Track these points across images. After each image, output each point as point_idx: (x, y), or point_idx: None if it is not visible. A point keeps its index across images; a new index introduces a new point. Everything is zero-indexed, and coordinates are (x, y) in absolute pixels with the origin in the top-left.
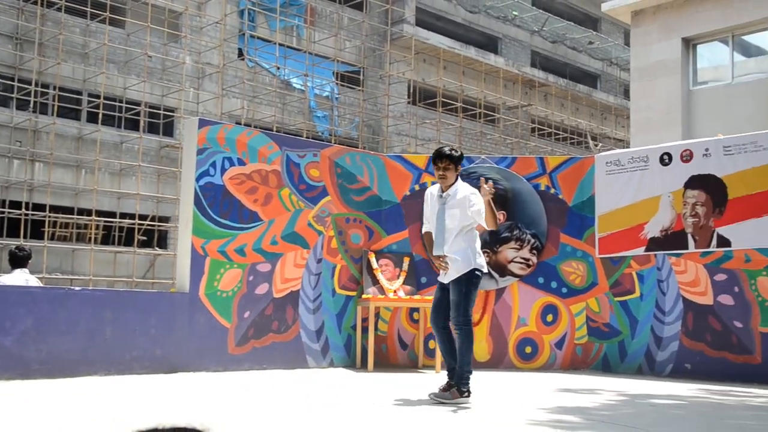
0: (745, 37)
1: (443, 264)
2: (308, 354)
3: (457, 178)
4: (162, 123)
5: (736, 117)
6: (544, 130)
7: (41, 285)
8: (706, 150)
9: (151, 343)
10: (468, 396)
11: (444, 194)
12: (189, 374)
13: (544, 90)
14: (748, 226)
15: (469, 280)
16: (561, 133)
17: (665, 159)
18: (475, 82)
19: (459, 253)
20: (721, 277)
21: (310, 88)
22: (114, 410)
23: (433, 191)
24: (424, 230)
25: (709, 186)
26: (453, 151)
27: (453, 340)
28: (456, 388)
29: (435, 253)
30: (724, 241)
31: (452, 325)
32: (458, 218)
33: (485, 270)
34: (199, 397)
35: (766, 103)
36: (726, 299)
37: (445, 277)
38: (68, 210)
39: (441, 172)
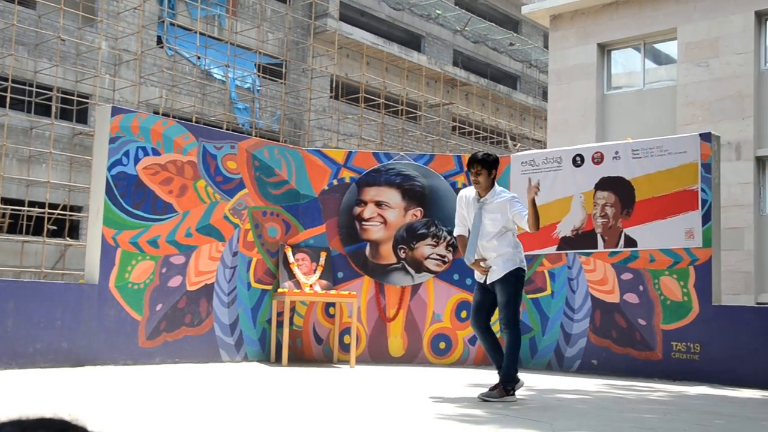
0: (657, 45)
1: (482, 267)
2: (222, 348)
3: (493, 183)
4: (75, 110)
5: (646, 122)
6: (465, 128)
7: None
8: (616, 153)
9: (56, 336)
10: (513, 394)
11: (482, 199)
12: (96, 368)
13: (466, 89)
14: (653, 228)
15: (518, 278)
16: (481, 132)
17: (577, 160)
18: (397, 78)
19: (501, 254)
20: (627, 276)
21: (231, 79)
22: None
23: (468, 195)
24: (457, 233)
25: (618, 188)
26: (486, 156)
27: (496, 339)
28: (502, 387)
29: (469, 256)
30: (630, 242)
31: (501, 325)
32: (499, 222)
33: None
34: (97, 391)
35: (673, 110)
36: (631, 297)
37: (488, 278)
38: None
39: (474, 177)
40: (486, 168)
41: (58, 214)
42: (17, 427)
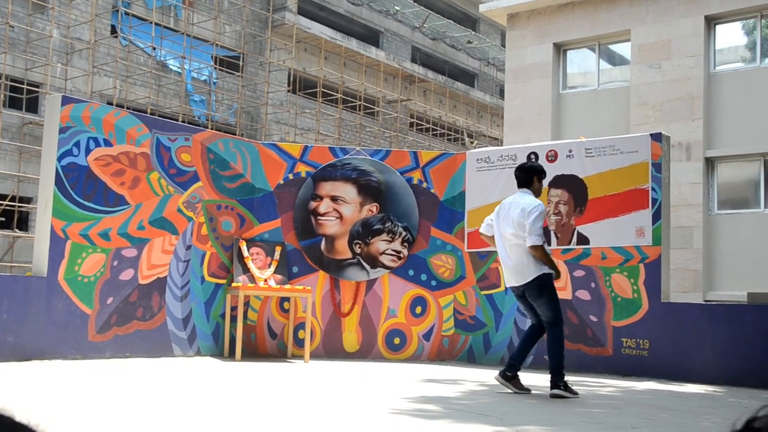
0: (611, 46)
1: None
2: (174, 342)
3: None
4: (25, 98)
5: (600, 121)
6: (423, 125)
7: None
8: (570, 151)
9: (2, 330)
10: (563, 389)
11: None
12: (44, 362)
13: (424, 86)
14: (605, 226)
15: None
16: (439, 129)
17: (532, 158)
18: (355, 74)
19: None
20: (579, 273)
21: (187, 70)
22: None
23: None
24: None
25: (572, 186)
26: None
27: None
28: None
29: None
30: (583, 239)
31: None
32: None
33: None
34: (42, 386)
35: (626, 110)
36: (583, 294)
37: None
38: None
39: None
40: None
41: (7, 205)
42: None
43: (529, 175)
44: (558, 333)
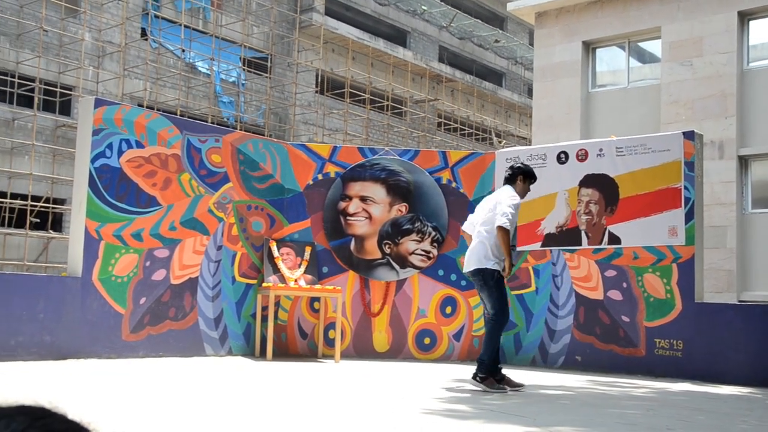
0: (641, 44)
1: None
2: (206, 342)
3: None
4: (58, 101)
5: (631, 120)
6: (450, 125)
7: None
8: (600, 150)
9: (39, 329)
10: (479, 381)
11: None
12: (79, 361)
13: (451, 85)
14: (637, 225)
15: None
16: (466, 128)
17: (562, 157)
18: (383, 74)
19: None
20: (611, 273)
21: (216, 72)
22: None
23: (519, 199)
24: (510, 228)
25: (602, 185)
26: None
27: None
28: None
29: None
30: (614, 239)
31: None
32: None
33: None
34: (80, 384)
35: (657, 108)
36: (615, 294)
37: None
38: None
39: (529, 189)
40: None
41: (41, 207)
42: None
43: (514, 175)
44: (495, 327)
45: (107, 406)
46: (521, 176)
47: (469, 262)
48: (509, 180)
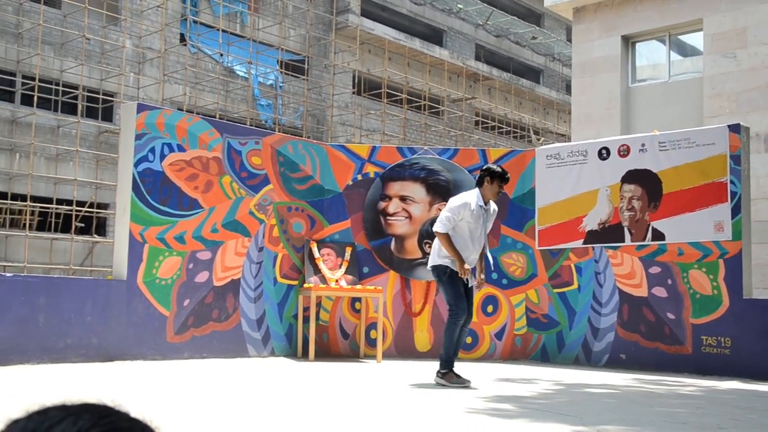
0: (681, 37)
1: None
2: (249, 343)
3: None
4: (101, 108)
5: (672, 114)
6: (488, 123)
7: None
8: (643, 145)
9: (86, 331)
10: (440, 377)
11: (487, 207)
12: (126, 363)
13: (488, 83)
14: (681, 221)
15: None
16: (504, 126)
17: (603, 153)
18: (419, 73)
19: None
20: (655, 269)
21: (253, 75)
22: (33, 395)
23: (473, 201)
24: (446, 231)
25: (645, 180)
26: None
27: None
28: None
29: (472, 255)
30: (658, 235)
31: (468, 315)
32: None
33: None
34: (134, 384)
35: (699, 102)
36: (660, 291)
37: (469, 277)
38: (2, 195)
39: (501, 189)
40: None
41: (86, 212)
42: (63, 411)
43: (481, 177)
44: (449, 322)
45: (162, 407)
46: (488, 177)
47: (429, 259)
48: (477, 182)
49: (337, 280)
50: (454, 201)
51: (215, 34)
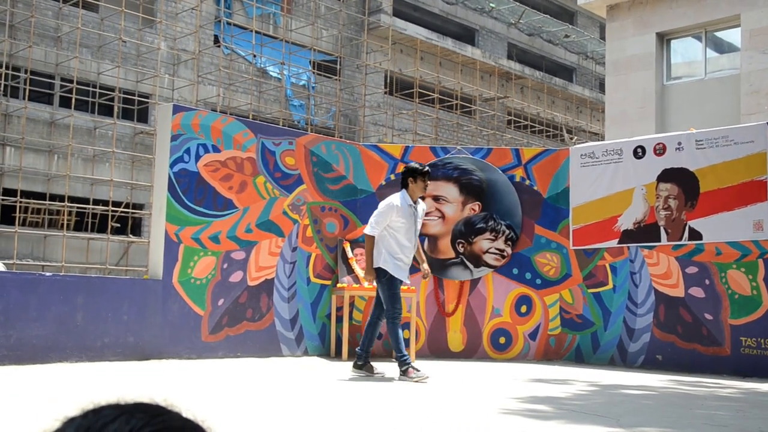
0: (717, 34)
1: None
2: (282, 342)
3: None
4: (136, 109)
5: (709, 112)
6: (520, 122)
7: (9, 271)
8: (679, 144)
9: (123, 330)
10: (402, 374)
11: (415, 205)
12: (162, 361)
13: (521, 82)
14: (719, 220)
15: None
16: (537, 125)
17: (639, 152)
18: (451, 73)
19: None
20: (692, 269)
21: (286, 76)
22: (78, 392)
23: (398, 202)
24: (374, 234)
25: (682, 179)
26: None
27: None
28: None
29: (405, 255)
30: (695, 234)
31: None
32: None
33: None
34: (171, 383)
35: (736, 99)
36: (697, 292)
37: (407, 276)
38: (40, 196)
39: (426, 185)
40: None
41: (121, 212)
42: (116, 410)
43: (403, 178)
44: (390, 325)
45: (206, 406)
46: (410, 178)
47: (374, 259)
48: (402, 184)
49: (370, 280)
50: (381, 204)
51: (248, 35)
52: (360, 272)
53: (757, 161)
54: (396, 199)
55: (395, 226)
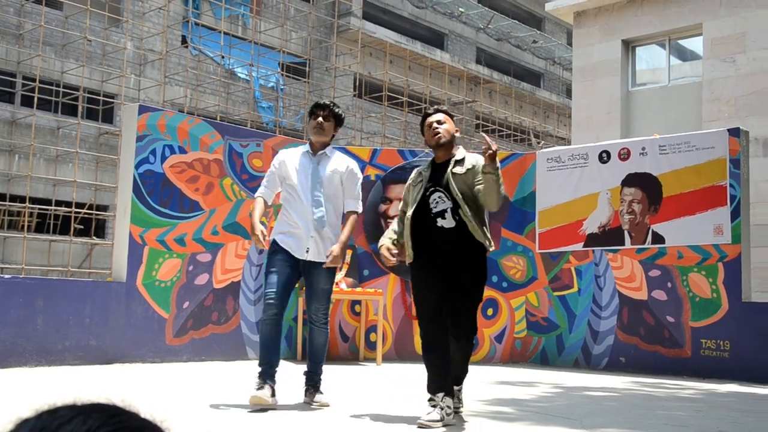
0: (681, 42)
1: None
2: (248, 346)
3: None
4: (101, 109)
5: (672, 118)
6: (488, 126)
7: None
8: (643, 149)
9: (85, 333)
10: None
11: (319, 153)
12: (125, 365)
13: (489, 87)
14: (681, 224)
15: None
16: (505, 130)
17: (604, 157)
18: (420, 77)
19: (333, 226)
20: (655, 273)
21: (255, 78)
22: (36, 397)
23: (292, 153)
24: (259, 195)
25: (645, 184)
26: (335, 105)
27: (281, 330)
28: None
29: (307, 217)
30: (658, 238)
31: (319, 317)
32: (337, 186)
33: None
34: (133, 386)
35: (698, 106)
36: (659, 294)
37: (311, 254)
38: (0, 197)
39: (319, 123)
40: (333, 118)
41: (85, 213)
42: (72, 410)
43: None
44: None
45: (165, 408)
46: (307, 117)
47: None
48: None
49: (337, 283)
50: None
51: (217, 36)
52: None
53: (717, 167)
54: (291, 149)
55: (290, 182)
